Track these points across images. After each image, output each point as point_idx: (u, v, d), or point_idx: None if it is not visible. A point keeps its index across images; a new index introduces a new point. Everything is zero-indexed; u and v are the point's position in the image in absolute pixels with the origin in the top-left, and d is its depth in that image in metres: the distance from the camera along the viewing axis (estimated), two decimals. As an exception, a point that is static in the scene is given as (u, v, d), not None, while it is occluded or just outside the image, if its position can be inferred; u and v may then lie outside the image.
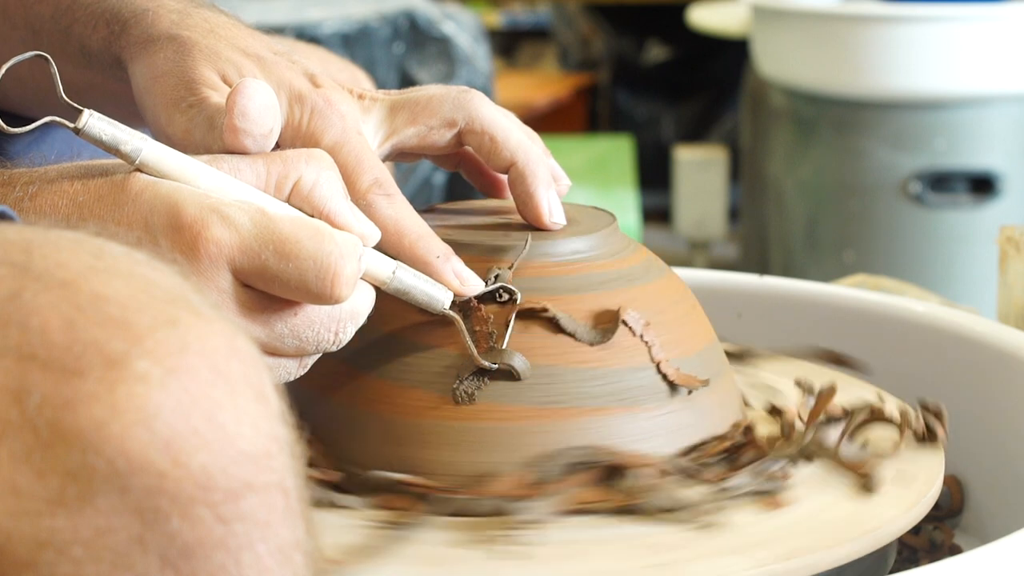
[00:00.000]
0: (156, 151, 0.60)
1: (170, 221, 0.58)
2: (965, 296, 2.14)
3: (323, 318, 0.61)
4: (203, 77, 0.66)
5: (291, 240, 0.59)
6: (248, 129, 0.62)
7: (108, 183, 0.60)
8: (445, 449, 0.65)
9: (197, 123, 0.65)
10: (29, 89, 0.78)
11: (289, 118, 0.67)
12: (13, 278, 0.43)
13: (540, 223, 0.71)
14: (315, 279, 0.59)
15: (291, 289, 0.59)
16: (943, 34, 2.25)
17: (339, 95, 0.69)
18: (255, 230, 0.59)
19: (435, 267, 0.66)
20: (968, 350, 0.85)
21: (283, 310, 0.60)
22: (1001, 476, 0.82)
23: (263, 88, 0.62)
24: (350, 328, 0.62)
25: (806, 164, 2.45)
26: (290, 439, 0.45)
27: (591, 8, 4.32)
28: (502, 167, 0.72)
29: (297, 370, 0.63)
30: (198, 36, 0.68)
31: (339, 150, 0.66)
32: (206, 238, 0.58)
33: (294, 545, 0.44)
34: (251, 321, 0.60)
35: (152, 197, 0.59)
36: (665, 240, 3.64)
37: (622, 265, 0.71)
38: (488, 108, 0.72)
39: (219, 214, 0.58)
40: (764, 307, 0.95)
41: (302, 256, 0.59)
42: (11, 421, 0.41)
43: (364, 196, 0.66)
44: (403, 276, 0.64)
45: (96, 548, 0.41)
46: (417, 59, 2.13)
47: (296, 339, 0.61)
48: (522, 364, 0.66)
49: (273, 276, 0.59)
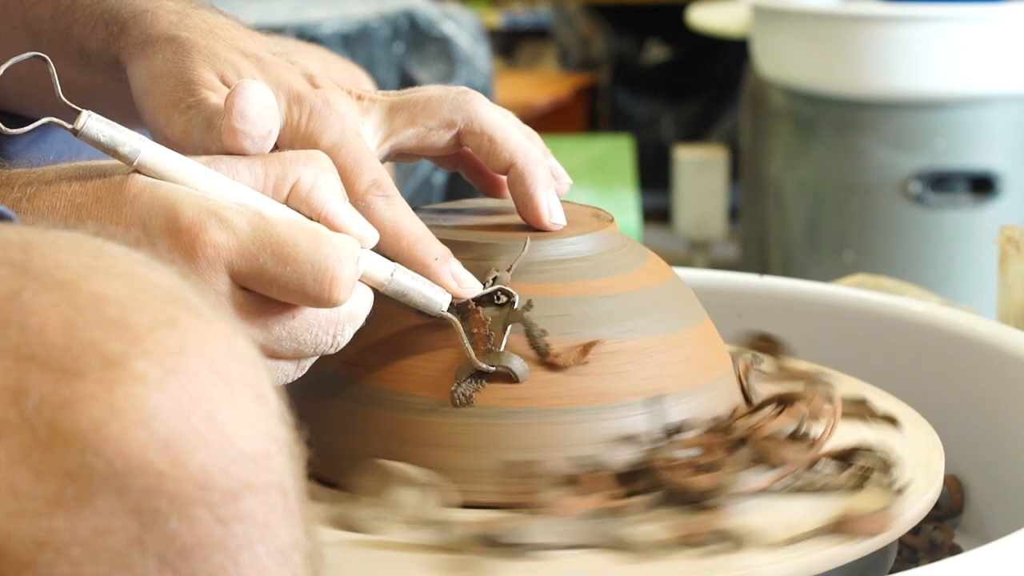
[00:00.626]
0: (154, 152, 0.60)
1: (168, 224, 0.58)
2: (965, 296, 2.14)
3: (321, 321, 0.61)
4: (202, 78, 0.66)
5: (289, 243, 0.59)
6: (246, 131, 0.62)
7: (106, 185, 0.60)
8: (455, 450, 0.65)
9: (195, 124, 0.65)
10: (28, 89, 0.78)
11: (288, 119, 0.67)
12: (12, 278, 0.43)
13: (540, 224, 0.71)
14: (313, 283, 0.59)
15: (289, 292, 0.59)
16: (943, 34, 2.25)
17: (338, 96, 0.68)
18: (253, 233, 0.59)
19: (433, 269, 0.66)
20: (968, 350, 0.85)
21: (281, 313, 0.60)
22: (1001, 476, 0.82)
23: (262, 89, 0.62)
24: (348, 330, 0.62)
25: (806, 164, 2.45)
26: (289, 440, 0.45)
27: (591, 8, 4.32)
28: (501, 168, 0.72)
29: (295, 372, 0.63)
30: (197, 37, 0.68)
31: (338, 151, 0.66)
32: (204, 241, 0.58)
33: (293, 546, 0.44)
34: (249, 324, 0.60)
35: (150, 199, 0.59)
36: (665, 240, 3.64)
37: (619, 262, 0.71)
38: (487, 109, 0.72)
39: (217, 217, 0.58)
40: (764, 307, 0.95)
41: (300, 260, 0.58)
42: (10, 421, 0.41)
43: (363, 197, 0.66)
44: (401, 278, 0.64)
45: (95, 548, 0.41)
46: (417, 59, 2.13)
47: (294, 342, 0.61)
48: (520, 367, 0.66)
49: (271, 279, 0.59)
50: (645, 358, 0.68)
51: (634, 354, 0.68)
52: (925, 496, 0.68)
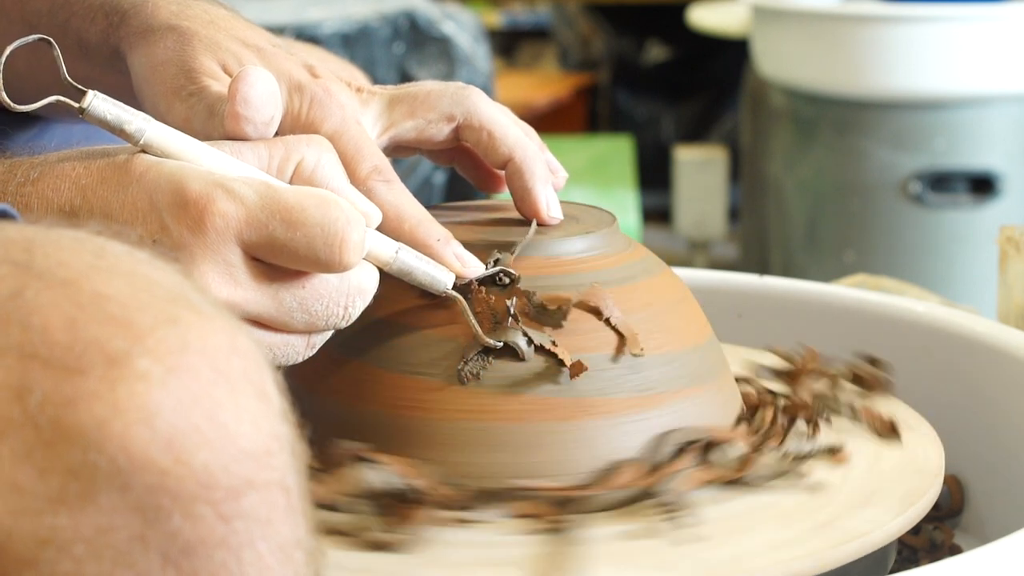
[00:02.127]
0: (160, 131, 0.60)
1: (175, 198, 0.58)
2: (965, 296, 2.14)
3: (332, 291, 0.61)
4: (203, 66, 0.67)
5: (297, 208, 0.59)
6: (249, 116, 0.62)
7: (111, 164, 0.60)
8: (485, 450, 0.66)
9: (197, 111, 0.65)
10: (26, 84, 0.78)
11: (289, 107, 0.68)
12: (15, 277, 0.43)
13: (538, 217, 0.71)
14: (324, 245, 0.59)
15: (300, 258, 0.59)
16: (943, 34, 2.25)
17: (338, 86, 0.69)
18: (261, 201, 0.59)
19: (436, 250, 0.66)
20: (968, 350, 0.85)
21: (291, 283, 0.60)
22: (1001, 476, 0.82)
23: (265, 76, 0.63)
24: (359, 303, 0.62)
25: (806, 164, 2.45)
26: (291, 437, 0.45)
27: (591, 8, 4.32)
28: (499, 162, 0.72)
29: (305, 350, 0.63)
30: (198, 26, 0.68)
31: (338, 138, 0.67)
32: (212, 212, 0.58)
33: (295, 543, 0.44)
34: (260, 296, 0.60)
35: (157, 176, 0.59)
36: (665, 240, 3.64)
37: (619, 262, 0.71)
38: (486, 104, 0.72)
39: (224, 188, 0.58)
40: (764, 307, 0.95)
41: (309, 223, 0.59)
42: (13, 419, 0.41)
43: (364, 182, 0.66)
44: (405, 257, 0.64)
45: (97, 546, 0.41)
46: (417, 59, 2.13)
47: (305, 313, 0.61)
48: (525, 343, 0.66)
49: (282, 246, 0.59)
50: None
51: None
52: (925, 496, 0.68)
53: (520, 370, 0.66)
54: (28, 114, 0.59)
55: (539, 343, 0.66)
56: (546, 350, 0.66)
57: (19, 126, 0.84)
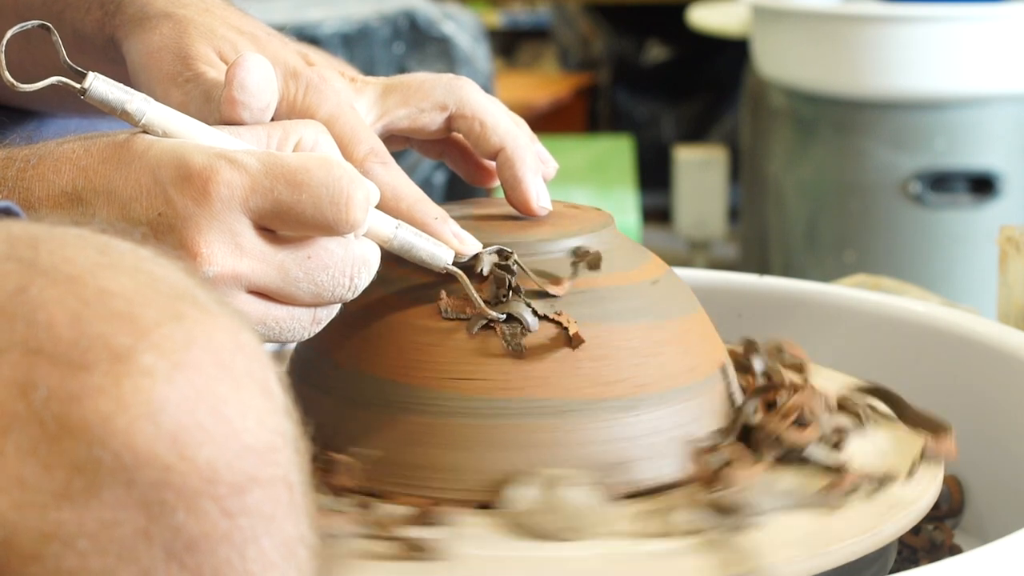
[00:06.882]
0: (160, 111, 0.61)
1: (178, 172, 0.58)
2: (965, 296, 2.14)
3: (337, 261, 0.61)
4: (199, 53, 0.67)
5: (301, 170, 0.59)
6: (246, 101, 0.63)
7: (112, 143, 0.60)
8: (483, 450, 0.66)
9: (193, 97, 0.65)
10: (20, 78, 0.78)
11: (284, 93, 0.68)
12: (20, 273, 0.43)
13: (528, 207, 0.72)
14: (330, 204, 0.59)
15: (307, 220, 0.59)
16: (943, 34, 2.25)
17: (332, 73, 0.70)
18: (264, 168, 0.59)
19: (434, 227, 0.67)
20: (968, 350, 0.85)
21: (297, 252, 0.61)
22: (1001, 476, 0.82)
23: (262, 62, 0.63)
24: (364, 275, 0.62)
25: (806, 164, 2.45)
26: (294, 434, 0.45)
27: (591, 8, 4.32)
28: (491, 152, 0.73)
29: (311, 325, 0.63)
30: (193, 14, 0.69)
31: (334, 123, 0.67)
32: (216, 182, 0.58)
33: (298, 539, 0.44)
34: (266, 265, 0.60)
35: (159, 152, 0.59)
36: (665, 240, 3.64)
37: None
38: (478, 94, 0.73)
39: (227, 159, 0.59)
40: (764, 307, 0.95)
41: (314, 183, 0.59)
42: (18, 414, 0.41)
43: (361, 164, 0.67)
44: (405, 234, 0.65)
45: (102, 541, 0.41)
46: (417, 59, 2.13)
47: (312, 284, 0.61)
48: (529, 314, 0.66)
49: (288, 209, 0.59)
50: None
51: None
52: (925, 496, 0.68)
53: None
54: (26, 109, 0.60)
55: (543, 313, 0.66)
56: (551, 319, 0.66)
57: (16, 120, 0.84)
